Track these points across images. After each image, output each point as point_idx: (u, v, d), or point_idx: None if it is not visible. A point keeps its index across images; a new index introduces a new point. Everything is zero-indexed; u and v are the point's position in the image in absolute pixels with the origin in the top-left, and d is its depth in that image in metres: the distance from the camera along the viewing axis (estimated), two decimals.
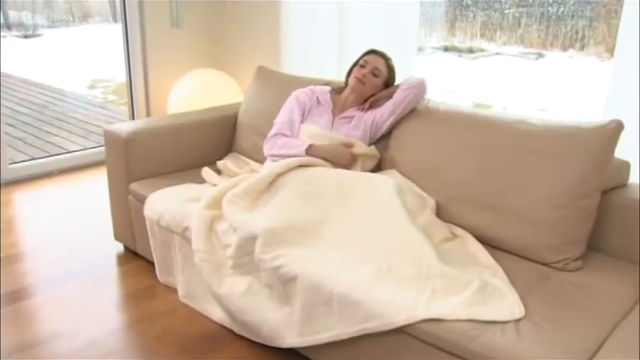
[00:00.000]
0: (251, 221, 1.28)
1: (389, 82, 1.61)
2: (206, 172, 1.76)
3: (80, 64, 5.45)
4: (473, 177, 1.37)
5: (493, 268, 1.21)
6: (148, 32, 2.57)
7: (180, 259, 1.51)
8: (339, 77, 1.79)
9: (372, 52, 1.62)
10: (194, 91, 2.51)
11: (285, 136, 1.55)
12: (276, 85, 1.94)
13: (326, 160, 1.46)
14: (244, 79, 2.59)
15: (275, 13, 2.42)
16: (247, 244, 1.27)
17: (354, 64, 1.64)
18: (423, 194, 1.43)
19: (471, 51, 3.85)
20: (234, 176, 1.66)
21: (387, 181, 1.33)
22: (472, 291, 1.05)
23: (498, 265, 1.22)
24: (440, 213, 1.42)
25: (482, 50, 3.87)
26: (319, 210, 1.30)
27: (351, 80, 1.59)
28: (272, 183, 1.40)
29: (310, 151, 1.48)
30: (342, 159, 1.47)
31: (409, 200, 1.33)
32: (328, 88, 1.67)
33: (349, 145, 1.50)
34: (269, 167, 1.44)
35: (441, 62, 3.87)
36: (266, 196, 1.38)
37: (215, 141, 1.95)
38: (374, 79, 1.58)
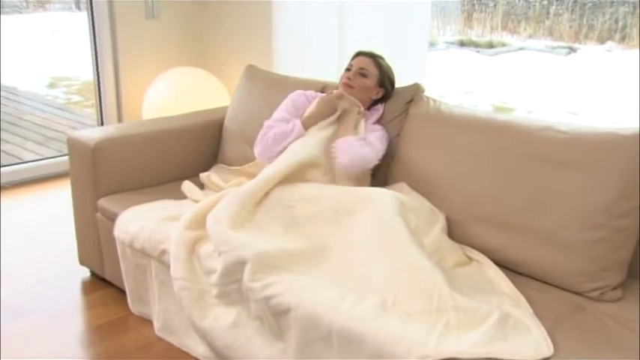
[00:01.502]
0: (239, 244, 1.29)
1: (384, 82, 1.66)
2: (187, 186, 1.78)
3: (37, 59, 5.34)
4: (491, 191, 1.40)
5: (515, 298, 1.21)
6: (119, 23, 2.56)
7: (157, 287, 1.52)
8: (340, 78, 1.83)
9: (358, 54, 1.68)
10: (173, 93, 2.54)
11: (273, 128, 1.60)
12: (267, 86, 1.97)
13: (318, 116, 1.57)
14: (231, 80, 2.61)
15: (267, 4, 2.44)
16: (234, 270, 1.27)
17: (346, 69, 1.69)
18: (433, 208, 1.46)
19: (490, 46, 3.92)
20: (220, 191, 1.69)
21: (387, 197, 1.35)
22: (491, 325, 1.04)
23: (521, 294, 1.23)
24: (452, 232, 1.44)
25: (503, 45, 3.93)
26: (315, 233, 1.32)
27: (339, 88, 1.64)
28: (263, 200, 1.43)
29: (306, 124, 1.58)
30: (331, 104, 1.58)
31: (415, 219, 1.35)
32: (320, 95, 1.73)
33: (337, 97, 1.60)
34: (257, 180, 1.47)
35: (456, 59, 3.93)
36: (256, 214, 1.41)
37: (198, 150, 1.98)
38: (363, 80, 1.63)
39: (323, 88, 1.83)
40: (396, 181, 1.61)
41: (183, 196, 1.75)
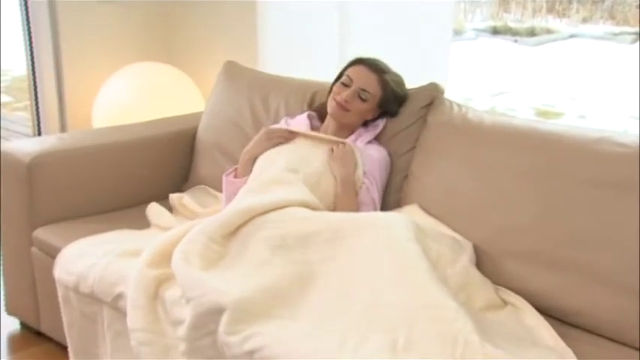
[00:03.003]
0: (212, 287, 1.29)
1: (386, 104, 1.72)
2: (154, 209, 1.83)
3: None
4: (533, 220, 1.42)
5: (562, 352, 1.22)
6: (61, 5, 2.55)
7: (110, 341, 1.53)
8: None
9: (359, 61, 1.73)
10: (133, 95, 2.55)
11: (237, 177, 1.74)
12: (251, 87, 2.03)
13: (252, 157, 1.71)
14: (207, 79, 2.62)
15: None
16: (207, 320, 1.27)
17: (338, 78, 1.76)
18: (457, 237, 1.50)
19: (532, 33, 3.94)
20: (194, 218, 1.73)
21: (400, 220, 1.39)
22: None
23: (569, 348, 1.24)
24: (482, 270, 1.46)
25: (549, 32, 3.96)
26: (308, 259, 1.34)
27: (330, 103, 1.72)
28: (240, 229, 1.46)
29: (235, 173, 1.74)
30: (259, 141, 1.72)
31: (436, 246, 1.39)
32: (305, 116, 1.82)
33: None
34: (235, 210, 1.49)
35: (487, 51, 3.96)
36: (232, 244, 1.43)
37: (164, 167, 2.02)
38: (360, 105, 1.69)
39: (313, 95, 1.91)
40: (408, 204, 1.66)
41: (144, 225, 1.77)
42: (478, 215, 1.51)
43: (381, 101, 1.71)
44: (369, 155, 1.70)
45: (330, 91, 1.77)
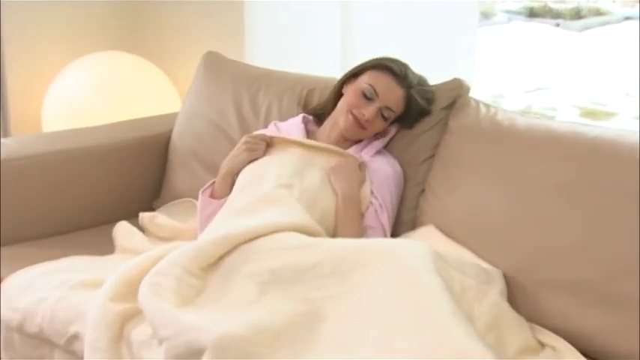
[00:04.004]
0: (190, 324, 1.28)
1: (405, 118, 1.77)
2: (123, 229, 1.86)
3: None
4: (578, 244, 1.42)
5: None
6: None
7: None
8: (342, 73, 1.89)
9: (385, 68, 1.74)
10: (91, 92, 2.53)
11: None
12: (236, 83, 2.05)
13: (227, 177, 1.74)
14: (183, 73, 2.62)
15: None
16: None
17: (351, 74, 1.79)
18: (484, 265, 1.51)
19: (577, 15, 3.91)
20: (169, 240, 1.76)
21: (416, 248, 1.38)
22: None
23: None
24: (516, 306, 1.46)
25: (599, 13, 3.93)
26: (305, 297, 1.33)
27: (343, 116, 1.73)
28: (222, 260, 1.45)
29: (212, 193, 1.76)
30: (238, 154, 1.74)
31: (460, 277, 1.41)
32: (299, 119, 1.85)
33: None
34: (215, 237, 1.48)
35: (522, 37, 3.94)
36: (212, 277, 1.43)
37: (131, 180, 2.05)
38: (380, 124, 1.74)
39: (309, 94, 1.94)
40: (425, 224, 1.68)
41: (107, 250, 1.78)
42: (510, 239, 1.52)
43: (401, 115, 1.76)
44: (377, 170, 1.72)
45: (335, 91, 1.81)
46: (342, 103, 1.76)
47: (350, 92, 1.75)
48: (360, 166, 1.71)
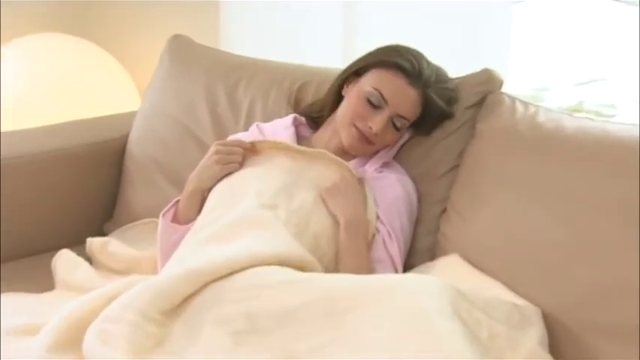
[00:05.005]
0: None
1: (421, 124, 1.77)
2: (64, 261, 1.84)
3: None
4: None
5: None
6: None
7: None
8: (345, 63, 1.88)
9: (395, 65, 1.72)
10: (28, 83, 2.54)
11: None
12: (211, 74, 2.06)
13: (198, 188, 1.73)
14: (143, 62, 2.65)
15: None
16: None
17: (352, 71, 1.78)
18: (519, 302, 1.51)
19: None
20: (125, 273, 1.77)
21: (429, 284, 1.37)
22: None
23: None
24: (561, 354, 1.45)
25: None
26: (291, 349, 1.32)
27: (345, 130, 1.73)
28: (188, 302, 1.43)
29: (175, 215, 1.75)
30: (208, 167, 1.73)
31: (487, 321, 1.39)
32: (289, 120, 1.85)
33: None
34: (179, 272, 1.46)
35: (570, 14, 3.93)
36: (178, 330, 1.41)
37: (77, 196, 2.03)
38: (391, 135, 1.74)
39: (300, 89, 1.93)
40: (447, 252, 1.68)
41: (47, 286, 1.77)
42: (555, 270, 1.52)
43: (417, 121, 1.76)
44: (384, 188, 1.72)
45: (333, 92, 1.81)
46: (343, 111, 1.75)
47: (352, 97, 1.73)
48: (360, 182, 1.69)
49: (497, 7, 2.22)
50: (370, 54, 1.78)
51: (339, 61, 2.31)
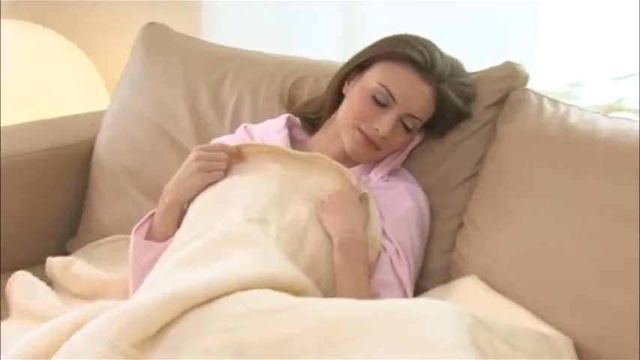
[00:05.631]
0: None
1: (434, 124, 1.77)
2: (20, 284, 1.84)
3: None
4: None
5: None
6: None
7: None
8: (346, 56, 1.88)
9: (405, 56, 1.71)
10: None
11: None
12: (191, 67, 2.06)
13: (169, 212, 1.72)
14: (113, 55, 2.65)
15: None
16: None
17: (355, 66, 1.78)
18: (547, 332, 1.50)
19: None
20: (91, 298, 1.78)
21: (441, 312, 1.36)
22: None
23: None
24: None
25: None
26: None
27: (348, 133, 1.73)
28: (166, 330, 1.42)
29: (150, 231, 1.75)
30: (188, 176, 1.72)
31: (509, 352, 1.39)
32: (282, 121, 1.86)
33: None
34: (155, 287, 1.49)
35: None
36: (155, 350, 1.40)
37: (37, 209, 2.03)
38: (401, 138, 1.74)
39: (294, 85, 1.93)
40: (465, 274, 1.68)
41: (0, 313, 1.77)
42: (590, 294, 1.51)
43: (429, 121, 1.76)
44: (391, 201, 1.72)
45: (333, 89, 1.81)
46: (344, 111, 1.74)
47: (355, 95, 1.73)
48: (361, 198, 1.68)
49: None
50: (375, 45, 1.77)
51: (340, 54, 2.31)
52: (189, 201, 1.71)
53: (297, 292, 1.49)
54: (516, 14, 2.19)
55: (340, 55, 2.25)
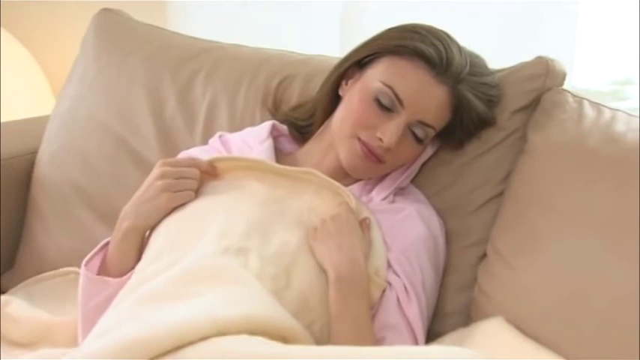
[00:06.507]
0: None
1: (451, 133, 1.79)
2: None
3: None
4: None
5: None
6: None
7: None
8: (343, 51, 1.91)
9: (416, 51, 1.71)
10: None
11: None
12: (153, 62, 2.07)
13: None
14: (58, 51, 2.68)
15: None
16: None
17: (354, 62, 1.79)
18: None
19: None
20: (32, 346, 1.79)
21: None
22: None
23: None
24: None
25: None
26: None
27: (345, 143, 1.74)
28: None
29: (103, 264, 1.74)
30: (151, 197, 1.70)
31: None
32: (265, 129, 1.87)
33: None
34: (112, 331, 1.47)
35: None
36: None
37: None
38: (410, 150, 1.75)
39: (279, 86, 1.94)
40: (489, 315, 1.68)
41: None
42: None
43: (444, 129, 1.76)
44: (399, 226, 1.72)
45: (327, 90, 1.80)
46: (341, 117, 1.74)
47: (354, 98, 1.72)
48: (362, 223, 1.68)
49: (553, 8, 2.23)
50: (379, 37, 1.77)
51: (336, 47, 2.33)
52: (152, 227, 1.69)
53: (283, 337, 1.48)
54: (551, 2, 2.20)
55: (337, 49, 2.28)
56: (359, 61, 1.76)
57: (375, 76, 1.70)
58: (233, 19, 2.49)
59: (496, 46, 1.82)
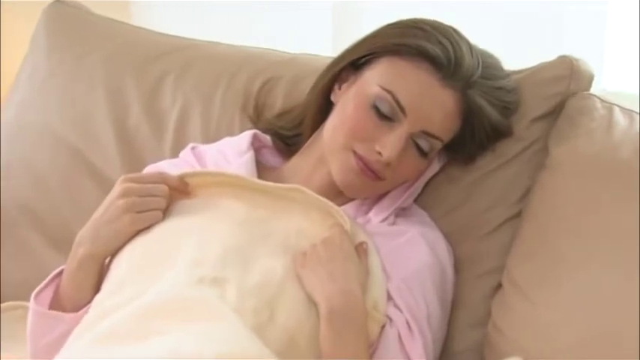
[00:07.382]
0: None
1: (460, 145, 1.81)
2: None
3: None
4: None
5: None
6: None
7: None
8: (336, 50, 1.93)
9: (420, 51, 1.72)
10: None
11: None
12: (115, 62, 2.09)
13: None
14: (9, 47, 2.66)
15: None
16: None
17: (348, 62, 1.81)
18: None
19: None
20: None
21: None
22: None
23: None
24: None
25: None
26: None
27: (338, 157, 1.76)
28: None
29: (56, 296, 1.74)
30: (111, 219, 1.69)
31: None
32: (245, 139, 1.90)
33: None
34: None
35: None
36: None
37: None
38: (413, 164, 1.76)
39: (262, 87, 1.97)
40: (504, 354, 1.69)
41: None
42: None
43: (453, 141, 1.78)
44: (400, 251, 1.74)
45: (317, 94, 1.82)
46: (334, 126, 1.75)
47: (349, 104, 1.73)
48: (358, 249, 1.69)
49: (574, 13, 2.25)
50: (377, 34, 1.79)
51: (328, 46, 2.36)
52: (113, 254, 1.69)
53: None
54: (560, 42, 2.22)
55: (329, 47, 2.30)
56: (354, 61, 1.77)
57: (373, 79, 1.72)
58: (209, 14, 2.51)
59: (512, 45, 1.84)
